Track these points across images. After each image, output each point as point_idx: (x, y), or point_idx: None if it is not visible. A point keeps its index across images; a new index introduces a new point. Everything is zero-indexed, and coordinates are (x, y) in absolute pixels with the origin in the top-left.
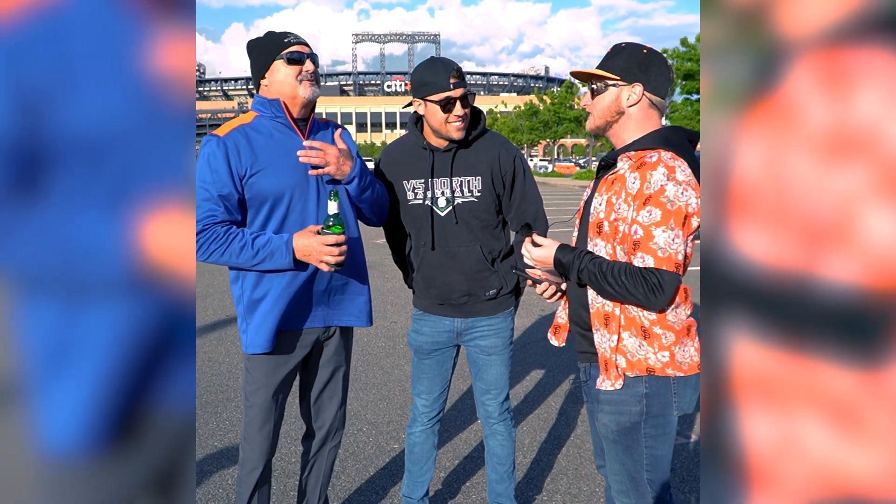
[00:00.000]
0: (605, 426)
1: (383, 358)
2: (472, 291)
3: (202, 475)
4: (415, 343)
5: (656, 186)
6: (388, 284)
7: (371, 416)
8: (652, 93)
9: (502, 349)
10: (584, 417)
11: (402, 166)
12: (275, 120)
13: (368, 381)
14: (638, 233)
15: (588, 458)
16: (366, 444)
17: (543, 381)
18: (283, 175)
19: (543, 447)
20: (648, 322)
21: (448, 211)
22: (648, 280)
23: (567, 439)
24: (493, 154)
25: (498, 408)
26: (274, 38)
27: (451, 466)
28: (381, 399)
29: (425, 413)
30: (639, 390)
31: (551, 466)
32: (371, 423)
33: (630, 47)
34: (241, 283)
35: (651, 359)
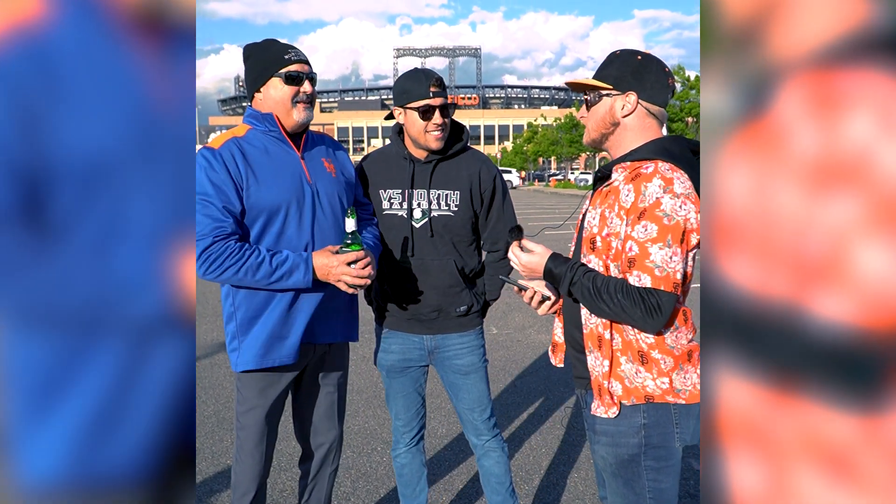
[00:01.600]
0: (604, 459)
1: None
2: (443, 307)
3: (210, 494)
4: (385, 363)
5: (651, 199)
6: None
7: (387, 436)
8: (648, 101)
9: (479, 366)
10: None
11: (380, 175)
12: (268, 134)
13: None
14: (633, 249)
15: None
16: (379, 465)
17: (564, 400)
18: (279, 189)
19: (561, 471)
20: (647, 346)
21: (423, 223)
22: (647, 301)
23: (587, 462)
24: (474, 170)
25: (486, 423)
26: (275, 50)
27: (443, 486)
28: None
29: (406, 433)
30: (637, 420)
31: (569, 491)
32: (386, 443)
33: (624, 54)
34: (234, 300)
35: (650, 386)
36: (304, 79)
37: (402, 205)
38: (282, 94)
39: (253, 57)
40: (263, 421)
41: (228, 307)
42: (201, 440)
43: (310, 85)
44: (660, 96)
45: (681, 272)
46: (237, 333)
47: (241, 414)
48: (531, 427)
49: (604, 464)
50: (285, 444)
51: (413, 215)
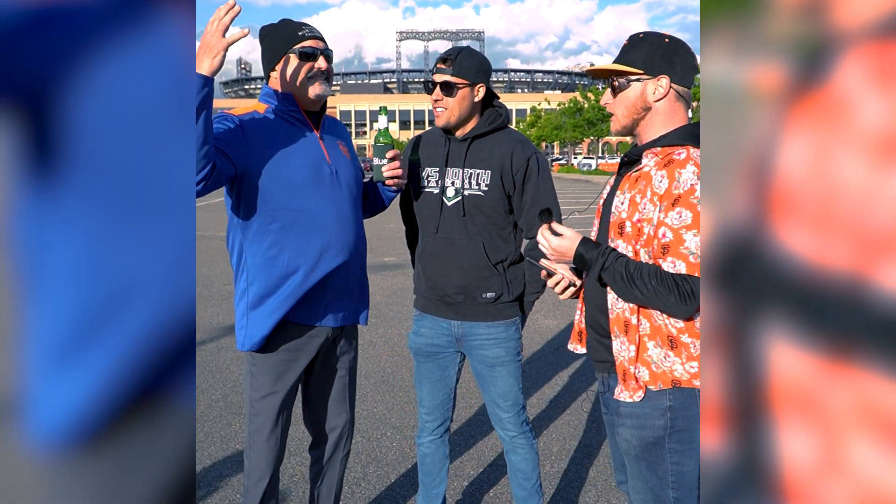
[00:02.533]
0: (627, 441)
1: (411, 360)
2: (469, 290)
3: (205, 486)
4: (414, 345)
5: (686, 186)
6: None
7: (396, 420)
8: (679, 83)
9: (507, 361)
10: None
11: (424, 154)
12: (288, 114)
13: (396, 383)
14: (667, 236)
15: None
16: (389, 450)
17: (572, 387)
18: (300, 168)
19: (574, 457)
20: (676, 330)
21: (455, 201)
22: (681, 287)
23: (598, 449)
24: (507, 150)
25: (513, 420)
26: (288, 28)
27: (473, 475)
28: (407, 402)
29: (430, 422)
30: (662, 403)
31: (580, 476)
32: (395, 428)
33: (650, 37)
34: (248, 275)
35: (678, 370)
36: (318, 54)
37: (437, 182)
38: (296, 71)
39: (268, 37)
40: (279, 407)
41: (242, 283)
42: (209, 425)
43: (325, 61)
44: (688, 78)
45: None
46: (248, 310)
47: (256, 400)
48: (540, 413)
49: (627, 446)
50: (294, 427)
51: (446, 193)
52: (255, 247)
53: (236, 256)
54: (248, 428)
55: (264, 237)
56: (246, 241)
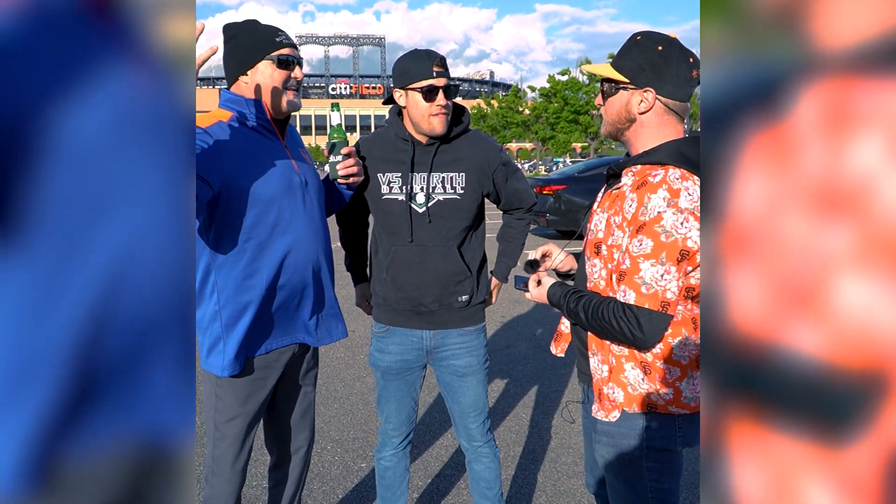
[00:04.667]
0: (604, 458)
1: (343, 370)
2: (444, 298)
3: None
4: (381, 364)
5: (653, 213)
6: (343, 291)
7: (335, 433)
8: (668, 97)
9: (478, 368)
10: (556, 430)
11: (378, 159)
12: (256, 123)
13: (329, 394)
14: (625, 262)
15: (565, 471)
16: (332, 464)
17: (511, 392)
18: (273, 180)
19: (520, 463)
20: (652, 356)
21: (425, 208)
22: (628, 318)
23: (542, 454)
24: (479, 151)
25: (480, 428)
26: (264, 32)
27: (423, 486)
28: (344, 414)
29: (396, 437)
30: (638, 423)
31: (529, 483)
32: (336, 441)
33: (644, 42)
34: (218, 298)
35: (653, 395)
36: (294, 63)
37: (402, 189)
38: (272, 79)
39: (238, 38)
40: (246, 429)
41: (212, 305)
42: None
43: (300, 70)
44: (681, 91)
45: (672, 290)
46: (223, 333)
47: (222, 424)
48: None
49: (604, 463)
50: None
51: (416, 199)
52: (229, 268)
53: (201, 278)
54: (210, 453)
55: (240, 256)
56: (217, 262)
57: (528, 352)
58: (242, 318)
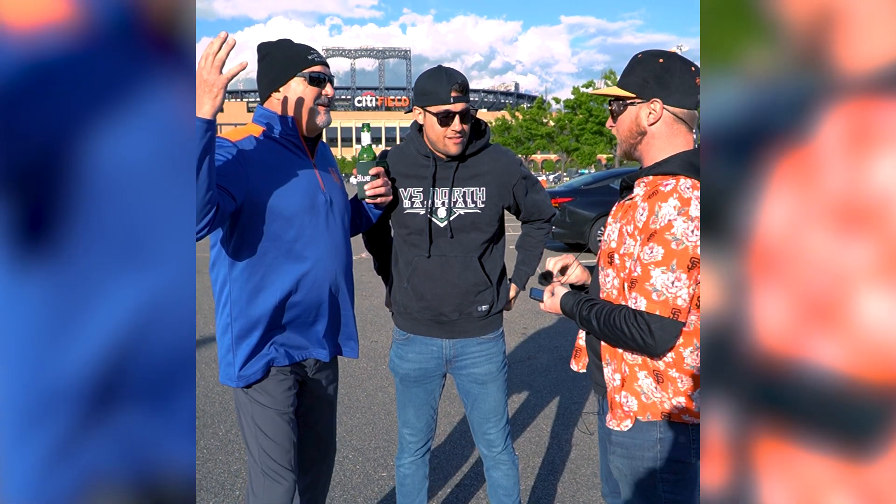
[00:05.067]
0: (619, 469)
1: (366, 380)
2: (464, 307)
3: None
4: (400, 370)
5: (664, 221)
6: (367, 302)
7: (357, 442)
8: (675, 105)
9: (497, 375)
10: (576, 441)
11: (399, 174)
12: (285, 138)
13: (352, 404)
14: (636, 270)
15: (584, 482)
16: (353, 473)
17: (531, 403)
18: (298, 197)
19: (539, 473)
20: (664, 364)
21: (446, 223)
22: (639, 325)
23: (561, 465)
24: (499, 164)
25: (500, 435)
26: (296, 50)
27: (442, 495)
28: (365, 424)
29: (413, 443)
30: (653, 434)
31: (548, 494)
32: (357, 450)
33: (646, 59)
34: (231, 310)
35: (666, 404)
36: (326, 81)
37: (423, 203)
38: (304, 96)
39: (272, 55)
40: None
41: (224, 317)
42: None
43: (331, 87)
44: (687, 99)
45: (683, 298)
46: (232, 346)
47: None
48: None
49: (619, 474)
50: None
51: (437, 214)
52: (244, 280)
53: (219, 287)
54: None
55: (255, 270)
56: (233, 274)
57: (550, 363)
58: (253, 332)
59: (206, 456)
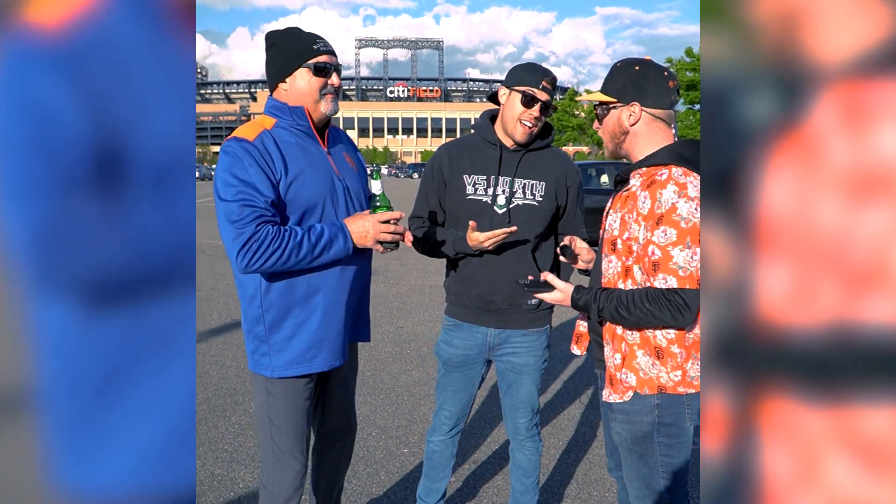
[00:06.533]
0: (619, 434)
1: (391, 363)
2: (515, 298)
3: (213, 479)
4: (444, 355)
5: (668, 205)
6: (394, 290)
7: (380, 421)
8: (652, 107)
9: (534, 369)
10: (589, 421)
11: (464, 161)
12: (296, 128)
13: (377, 385)
14: (656, 253)
15: (596, 462)
16: (375, 449)
17: (550, 389)
18: (315, 186)
19: (551, 453)
20: (666, 341)
21: (505, 210)
22: (673, 301)
23: (574, 444)
24: (561, 164)
25: (528, 424)
26: (302, 40)
27: (469, 470)
28: (389, 404)
29: (447, 424)
30: (650, 401)
31: (561, 471)
32: (380, 428)
33: (623, 66)
34: (261, 301)
35: (663, 377)
36: (332, 70)
37: (486, 190)
38: (310, 86)
39: (277, 46)
40: (300, 422)
41: (255, 309)
42: (215, 420)
43: (337, 77)
44: (663, 100)
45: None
46: (266, 337)
47: (277, 419)
48: None
49: (619, 439)
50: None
51: (497, 201)
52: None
53: (249, 280)
54: (269, 447)
55: None
56: None
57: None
58: (283, 324)
59: (237, 430)
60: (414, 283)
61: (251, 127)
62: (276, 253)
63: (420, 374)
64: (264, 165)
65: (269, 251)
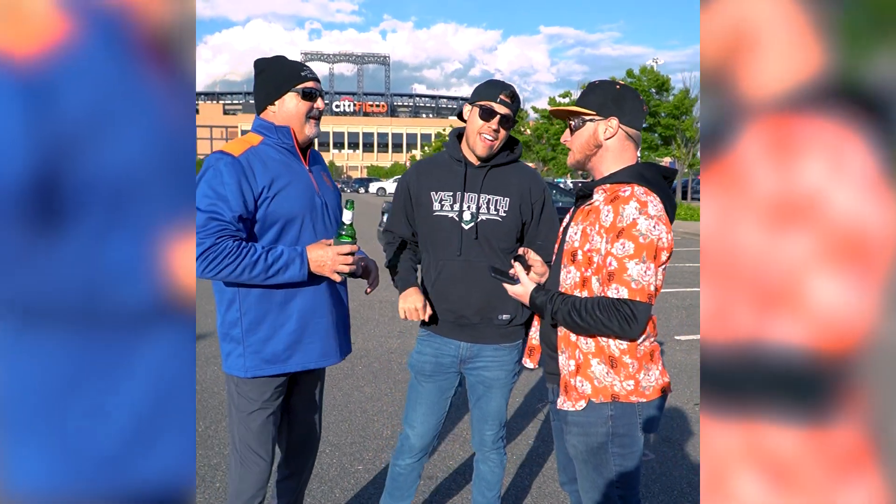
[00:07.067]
0: (574, 447)
1: (342, 379)
2: (486, 312)
3: None
4: (416, 363)
5: (629, 220)
6: None
7: (333, 438)
8: (628, 125)
9: (504, 383)
10: (541, 435)
11: (431, 178)
12: (281, 146)
13: (328, 402)
14: (612, 264)
15: (550, 475)
16: (329, 466)
17: None
18: (296, 200)
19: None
20: (619, 351)
21: (471, 226)
22: (622, 311)
23: (527, 457)
24: (525, 180)
25: (493, 436)
26: (290, 67)
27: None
28: (342, 420)
29: (416, 446)
30: (604, 412)
31: (516, 485)
32: (333, 445)
33: (604, 84)
34: (240, 306)
35: (616, 386)
36: (317, 96)
37: (452, 206)
38: (298, 109)
39: (267, 72)
40: (267, 422)
41: (233, 312)
42: None
43: (321, 101)
44: (637, 121)
45: (653, 285)
46: (242, 338)
47: (245, 417)
48: None
49: (575, 451)
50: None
51: (463, 217)
52: None
53: (228, 285)
54: (236, 446)
55: None
56: None
57: None
58: (263, 323)
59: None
60: (364, 298)
61: (239, 143)
62: (229, 266)
63: (372, 389)
64: (243, 181)
65: (224, 263)
